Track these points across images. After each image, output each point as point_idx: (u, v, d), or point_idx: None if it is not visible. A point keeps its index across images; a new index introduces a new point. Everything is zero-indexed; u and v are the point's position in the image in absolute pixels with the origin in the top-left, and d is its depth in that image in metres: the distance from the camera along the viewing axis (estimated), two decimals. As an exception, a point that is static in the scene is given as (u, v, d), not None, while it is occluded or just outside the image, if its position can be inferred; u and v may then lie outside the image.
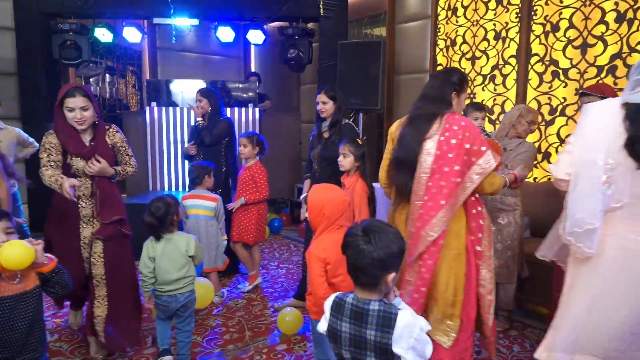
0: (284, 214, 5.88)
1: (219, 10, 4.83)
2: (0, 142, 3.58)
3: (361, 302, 1.41)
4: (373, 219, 1.54)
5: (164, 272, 2.40)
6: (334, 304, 1.47)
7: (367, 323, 1.38)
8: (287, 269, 4.22)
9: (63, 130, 2.37)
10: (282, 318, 2.92)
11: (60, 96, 2.33)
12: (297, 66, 5.05)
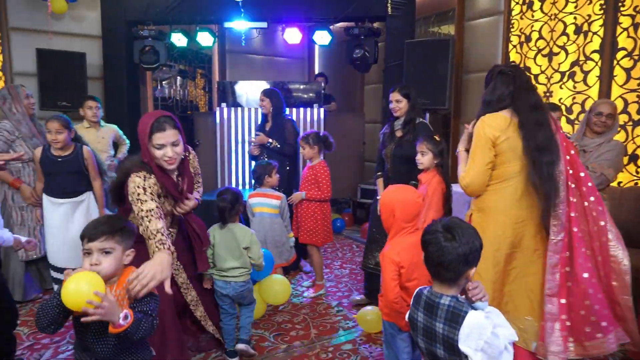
0: (346, 214, 5.89)
1: (286, 12, 4.93)
2: (103, 138, 3.92)
3: (434, 295, 1.47)
4: (451, 217, 1.52)
5: (221, 259, 2.56)
6: (415, 295, 1.56)
7: (436, 316, 1.44)
8: (350, 269, 4.22)
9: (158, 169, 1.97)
10: (363, 316, 2.93)
11: (148, 131, 1.91)
12: (363, 66, 5.02)
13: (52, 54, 4.89)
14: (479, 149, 2.05)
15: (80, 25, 5.42)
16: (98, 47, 5.35)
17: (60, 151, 3.04)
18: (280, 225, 3.41)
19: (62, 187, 3.06)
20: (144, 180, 1.92)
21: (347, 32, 4.99)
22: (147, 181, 1.93)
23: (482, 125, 2.06)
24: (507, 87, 2.07)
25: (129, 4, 4.99)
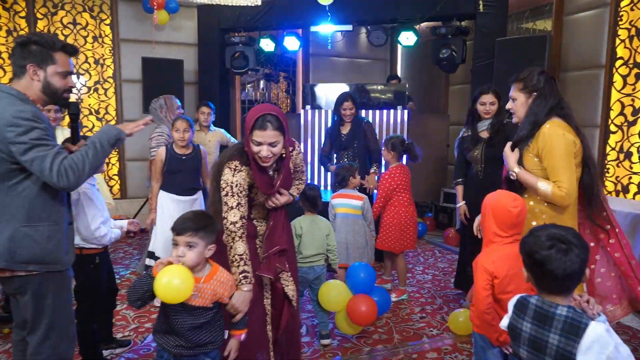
0: (427, 218, 5.75)
1: (372, 14, 4.92)
2: (209, 141, 4.23)
3: (547, 305, 1.39)
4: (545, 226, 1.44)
5: (307, 247, 2.80)
6: (518, 303, 1.48)
7: (551, 327, 1.35)
8: (433, 275, 4.11)
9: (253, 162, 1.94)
10: (455, 318, 2.88)
11: (251, 125, 1.87)
12: (449, 66, 4.87)
13: (154, 61, 5.33)
14: (565, 156, 1.98)
15: (179, 35, 5.85)
16: (194, 54, 5.74)
17: (183, 149, 3.30)
18: (363, 227, 3.36)
19: (184, 185, 3.30)
20: (232, 174, 1.91)
21: (433, 31, 4.87)
22: (236, 176, 1.92)
23: (558, 131, 2.00)
24: (557, 93, 2.09)
25: (222, 12, 5.29)
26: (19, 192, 1.68)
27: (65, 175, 1.62)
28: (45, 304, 1.74)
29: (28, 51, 1.73)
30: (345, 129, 3.99)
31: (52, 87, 1.78)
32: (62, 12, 5.46)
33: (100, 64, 5.68)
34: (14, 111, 1.62)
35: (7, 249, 1.65)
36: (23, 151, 1.61)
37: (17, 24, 5.33)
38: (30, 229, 1.68)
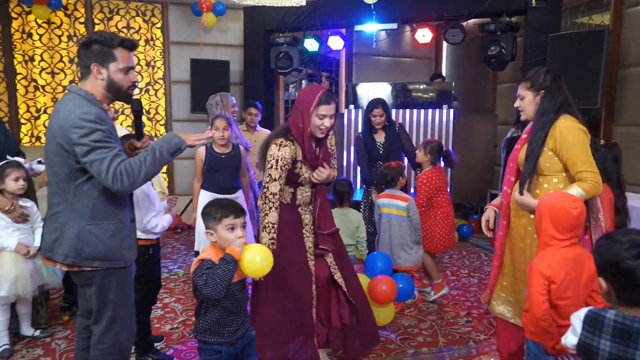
0: (473, 220, 5.59)
1: (418, 11, 4.85)
2: (255, 141, 4.31)
3: (629, 320, 1.26)
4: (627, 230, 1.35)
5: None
6: (587, 318, 1.35)
7: (637, 343, 1.24)
8: (479, 279, 4.00)
9: (302, 138, 2.19)
10: None
11: (317, 101, 2.14)
12: (498, 64, 4.72)
13: (202, 63, 5.49)
14: (584, 147, 2.05)
15: (225, 36, 5.99)
16: (239, 55, 5.86)
17: (223, 148, 3.31)
18: (407, 228, 3.27)
19: (224, 183, 3.32)
20: (278, 149, 2.17)
21: (481, 28, 4.74)
22: (281, 150, 2.17)
23: (575, 125, 2.08)
24: (564, 91, 2.13)
25: (268, 14, 5.37)
26: (84, 191, 1.73)
27: (120, 179, 1.66)
28: (109, 298, 1.80)
29: (90, 51, 1.77)
30: (380, 137, 3.76)
31: (116, 84, 1.81)
32: (117, 17, 5.72)
33: (151, 65, 5.90)
34: (79, 113, 1.67)
35: (74, 247, 1.72)
36: (84, 153, 1.65)
37: (76, 29, 5.63)
38: (95, 227, 1.74)
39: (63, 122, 1.68)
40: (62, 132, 1.68)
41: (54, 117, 1.74)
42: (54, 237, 1.74)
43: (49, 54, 5.59)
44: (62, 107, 1.74)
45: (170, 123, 5.99)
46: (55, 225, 1.75)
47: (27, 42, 5.50)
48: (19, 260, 2.55)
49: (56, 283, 2.79)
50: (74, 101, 1.74)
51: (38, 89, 5.62)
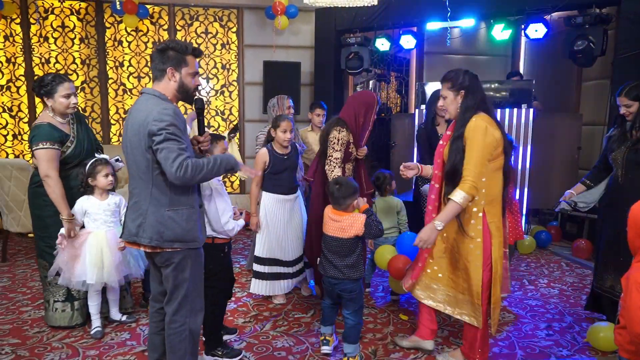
0: (552, 227, 5.25)
1: (496, 7, 4.62)
2: None
3: None
4: None
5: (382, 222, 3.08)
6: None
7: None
8: (560, 290, 3.73)
9: (358, 128, 3.05)
10: (596, 332, 2.65)
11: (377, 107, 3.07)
12: (586, 60, 4.37)
13: (274, 65, 5.63)
14: (482, 150, 2.25)
15: (297, 38, 6.10)
16: (310, 56, 5.95)
17: (284, 149, 3.28)
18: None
19: (289, 183, 3.31)
20: (339, 133, 2.98)
21: (567, 22, 4.42)
22: (340, 134, 2.97)
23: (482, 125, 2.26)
24: (482, 90, 2.38)
25: (339, 14, 5.39)
26: (161, 180, 1.92)
27: (183, 171, 1.83)
28: (183, 277, 2.00)
29: (167, 56, 1.96)
30: (442, 129, 3.65)
31: (186, 86, 2.01)
32: (197, 23, 6.03)
33: (226, 68, 6.16)
34: (160, 108, 1.88)
35: (156, 230, 1.92)
36: (159, 141, 1.84)
37: (160, 36, 6.01)
38: (173, 212, 1.94)
39: (145, 117, 1.87)
40: (143, 126, 1.87)
41: (135, 114, 1.94)
42: (137, 223, 1.95)
43: (136, 60, 6.02)
44: (141, 105, 1.95)
45: (242, 124, 6.21)
46: (138, 212, 1.95)
47: (117, 49, 5.96)
48: (106, 251, 2.74)
49: (139, 274, 2.96)
50: (152, 100, 1.94)
51: (126, 92, 6.07)
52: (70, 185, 2.78)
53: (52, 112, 2.75)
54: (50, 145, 2.66)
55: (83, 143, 2.83)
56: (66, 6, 5.81)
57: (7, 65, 5.80)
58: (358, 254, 2.53)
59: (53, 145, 2.67)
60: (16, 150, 5.97)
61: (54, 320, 2.90)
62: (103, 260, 2.73)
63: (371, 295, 3.58)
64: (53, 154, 2.67)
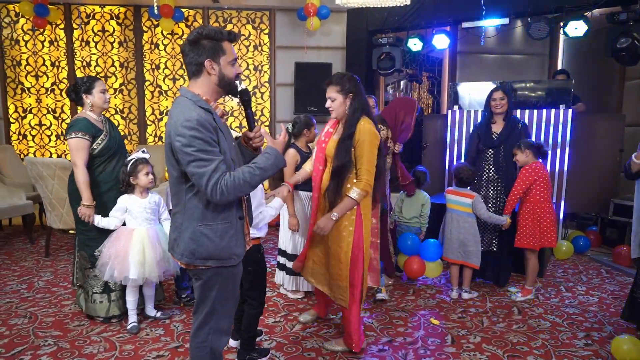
0: (591, 232, 5.05)
1: (533, 4, 4.49)
2: None
3: None
4: None
5: (407, 212, 3.96)
6: None
7: None
8: (599, 298, 3.59)
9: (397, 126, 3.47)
10: (619, 345, 2.56)
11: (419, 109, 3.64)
12: (630, 58, 4.18)
13: (305, 66, 5.66)
14: (371, 149, 2.47)
15: (328, 39, 6.11)
16: (341, 57, 5.95)
17: (307, 148, 3.41)
18: (472, 225, 3.51)
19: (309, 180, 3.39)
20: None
21: (610, 18, 4.25)
22: (381, 132, 3.01)
23: (370, 127, 2.49)
24: (364, 94, 2.56)
25: (371, 15, 5.37)
26: (194, 193, 1.74)
27: (219, 193, 1.65)
28: (210, 295, 1.83)
29: (202, 47, 1.71)
30: (498, 127, 3.70)
31: (227, 77, 1.76)
32: (230, 25, 6.14)
33: (258, 70, 6.24)
34: (182, 120, 1.64)
35: (189, 247, 1.76)
36: (186, 163, 1.65)
37: (194, 38, 6.15)
38: (206, 228, 1.75)
39: (170, 127, 1.69)
40: (170, 137, 1.69)
41: (168, 121, 1.76)
42: (174, 236, 1.83)
43: (171, 62, 6.18)
44: (172, 111, 1.75)
45: (274, 124, 6.27)
46: (175, 225, 1.83)
47: (154, 52, 6.14)
48: (148, 247, 2.84)
49: (176, 272, 3.04)
50: (181, 104, 1.71)
51: (162, 93, 6.24)
52: (101, 178, 2.96)
53: (89, 109, 2.98)
54: (82, 135, 2.87)
55: (115, 139, 3.05)
56: (106, 11, 6.03)
57: (52, 68, 6.07)
58: None
59: (85, 135, 2.87)
60: (59, 150, 6.24)
61: (92, 311, 3.03)
62: (145, 257, 2.82)
63: (401, 299, 3.55)
64: (84, 144, 2.87)
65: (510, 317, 3.21)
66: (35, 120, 6.13)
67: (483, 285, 3.82)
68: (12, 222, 5.62)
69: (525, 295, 3.53)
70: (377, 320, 3.13)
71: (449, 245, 3.59)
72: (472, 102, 5.13)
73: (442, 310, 3.32)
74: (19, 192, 4.81)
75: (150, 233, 2.88)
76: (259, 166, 1.73)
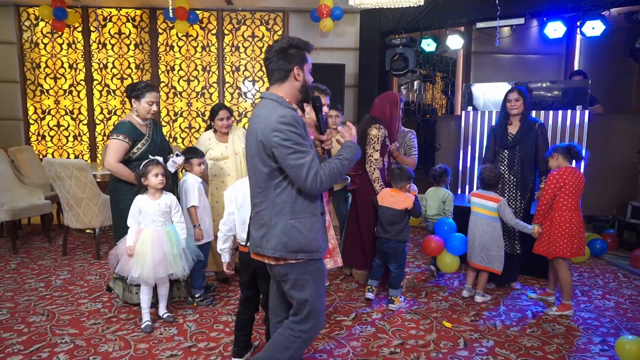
0: (608, 235, 4.97)
1: (549, 4, 4.44)
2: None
3: None
4: None
5: (430, 208, 4.06)
6: None
7: None
8: (616, 302, 3.53)
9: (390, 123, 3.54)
10: (622, 345, 2.55)
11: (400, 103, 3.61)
12: (648, 58, 4.13)
13: (318, 67, 5.61)
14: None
15: (341, 40, 6.12)
16: (354, 58, 5.94)
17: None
18: (495, 229, 3.43)
19: None
20: (378, 130, 3.43)
21: (628, 17, 4.19)
22: (380, 131, 3.43)
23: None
24: None
25: (384, 15, 5.36)
26: (283, 188, 1.83)
27: (317, 185, 1.76)
28: (304, 296, 1.90)
29: (291, 55, 1.82)
30: (514, 128, 3.66)
31: (307, 84, 1.90)
32: (244, 27, 6.19)
33: (272, 71, 6.26)
34: (277, 116, 1.75)
35: (281, 241, 1.83)
36: (284, 157, 1.75)
37: (209, 40, 6.21)
38: (296, 221, 1.84)
39: (260, 125, 1.79)
40: (263, 135, 1.77)
41: (255, 121, 1.85)
42: (261, 234, 1.88)
43: (186, 64, 6.25)
44: (260, 111, 1.85)
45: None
46: (261, 222, 1.88)
47: (169, 54, 6.21)
48: (148, 249, 2.84)
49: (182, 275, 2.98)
50: (268, 105, 1.84)
51: (176, 95, 6.31)
52: None
53: (135, 113, 3.13)
54: (123, 138, 3.02)
55: (157, 143, 3.18)
56: (122, 14, 6.12)
57: (70, 70, 6.19)
58: (404, 223, 3.32)
59: (125, 139, 3.02)
60: (76, 151, 6.36)
61: (129, 299, 3.23)
62: (145, 258, 2.84)
63: (414, 301, 3.54)
64: (121, 146, 3.02)
65: (524, 320, 3.18)
66: (53, 121, 6.25)
67: (496, 288, 3.79)
68: (30, 222, 5.74)
69: (562, 310, 3.25)
70: (389, 322, 3.13)
71: (471, 249, 3.53)
72: (487, 102, 5.08)
73: (454, 313, 3.29)
74: (37, 192, 4.92)
75: (154, 235, 2.87)
76: (346, 157, 1.89)
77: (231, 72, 6.30)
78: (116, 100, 6.24)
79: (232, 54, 6.25)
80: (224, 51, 6.23)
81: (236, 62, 6.28)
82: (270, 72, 1.88)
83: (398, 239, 3.31)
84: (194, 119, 6.37)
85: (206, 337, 2.87)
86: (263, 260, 1.94)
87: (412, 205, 3.27)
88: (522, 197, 3.64)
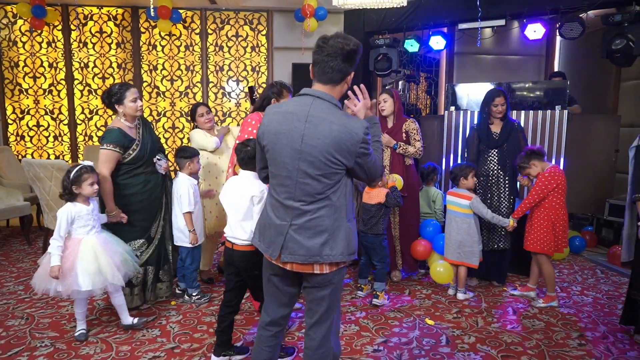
0: (587, 232, 5.08)
1: (529, 5, 4.51)
2: None
3: None
4: None
5: (422, 207, 4.11)
6: None
7: None
8: (594, 298, 3.62)
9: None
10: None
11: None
12: (625, 59, 4.21)
13: (303, 67, 5.67)
14: None
15: (325, 40, 6.13)
16: (338, 58, 5.95)
17: None
18: (470, 226, 3.53)
19: None
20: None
21: (605, 20, 4.27)
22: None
23: None
24: None
25: (368, 16, 5.39)
26: (341, 190, 1.77)
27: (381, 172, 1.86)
28: (336, 298, 1.88)
29: (354, 61, 1.74)
30: (497, 128, 3.77)
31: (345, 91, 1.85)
32: (228, 26, 6.16)
33: (256, 71, 6.25)
34: (361, 127, 1.69)
35: (346, 244, 1.78)
36: (365, 162, 1.75)
37: (192, 40, 6.16)
38: (350, 223, 1.82)
39: (340, 134, 1.67)
40: (342, 142, 1.67)
41: (318, 123, 1.69)
42: (321, 241, 1.74)
43: (169, 63, 6.19)
44: (325, 115, 1.70)
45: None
46: (319, 229, 1.75)
47: (152, 53, 6.15)
48: (101, 254, 2.70)
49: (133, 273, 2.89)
50: (333, 110, 1.73)
51: (159, 94, 6.25)
52: (135, 183, 3.07)
53: (122, 118, 3.03)
54: (113, 147, 2.94)
55: (147, 145, 3.11)
56: (104, 12, 6.04)
57: (50, 69, 6.08)
58: (379, 216, 3.40)
59: (116, 147, 2.95)
60: (57, 151, 6.25)
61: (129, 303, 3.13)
62: (100, 264, 2.67)
63: (397, 300, 3.57)
64: (113, 156, 2.96)
65: (505, 317, 3.23)
66: (33, 121, 6.13)
67: (478, 285, 3.84)
68: (9, 223, 5.63)
69: (549, 302, 3.40)
70: (372, 321, 3.15)
71: (447, 246, 3.64)
72: (470, 102, 5.14)
73: (437, 311, 3.33)
74: (16, 193, 4.82)
75: (101, 240, 2.75)
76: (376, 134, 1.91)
77: (215, 71, 6.27)
78: (97, 100, 6.15)
79: (215, 53, 6.21)
80: (208, 51, 6.19)
81: (220, 62, 6.25)
82: (325, 68, 1.72)
83: (373, 232, 3.42)
84: (177, 119, 6.32)
85: (189, 338, 2.85)
86: (312, 271, 1.78)
87: (385, 199, 3.34)
88: (510, 192, 3.76)
